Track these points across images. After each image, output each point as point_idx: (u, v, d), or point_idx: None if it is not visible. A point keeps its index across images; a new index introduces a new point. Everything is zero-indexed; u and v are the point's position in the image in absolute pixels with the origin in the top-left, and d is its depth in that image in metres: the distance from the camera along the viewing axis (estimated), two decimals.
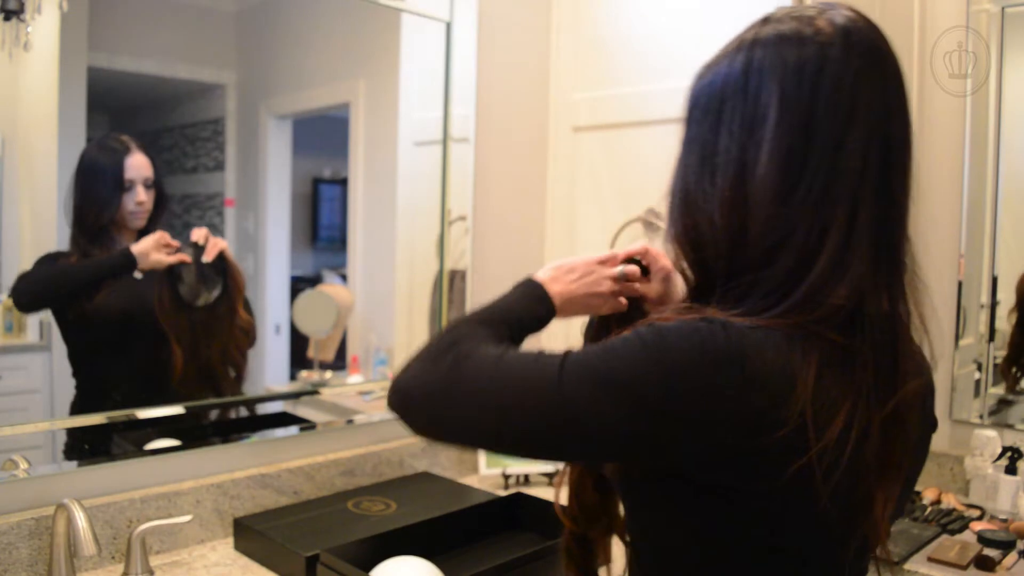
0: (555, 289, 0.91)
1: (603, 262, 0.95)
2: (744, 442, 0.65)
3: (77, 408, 1.37)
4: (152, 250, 1.45)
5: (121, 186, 1.44)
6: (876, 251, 0.70)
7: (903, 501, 0.79)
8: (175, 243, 1.47)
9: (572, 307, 0.92)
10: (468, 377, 0.72)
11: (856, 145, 0.69)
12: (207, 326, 1.53)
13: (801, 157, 0.69)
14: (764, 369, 0.65)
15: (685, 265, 0.78)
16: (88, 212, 1.40)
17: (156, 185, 1.49)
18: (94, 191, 1.40)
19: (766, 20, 0.75)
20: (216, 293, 1.52)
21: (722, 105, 0.73)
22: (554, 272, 0.92)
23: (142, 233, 1.49)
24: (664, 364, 0.65)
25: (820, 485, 0.66)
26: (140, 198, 1.45)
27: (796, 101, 0.69)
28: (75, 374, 1.39)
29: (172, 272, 1.48)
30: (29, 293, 1.32)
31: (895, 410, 0.70)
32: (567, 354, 0.70)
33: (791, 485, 0.67)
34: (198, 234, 1.51)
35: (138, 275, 1.48)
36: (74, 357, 1.39)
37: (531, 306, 0.89)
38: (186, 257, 1.49)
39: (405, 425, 0.76)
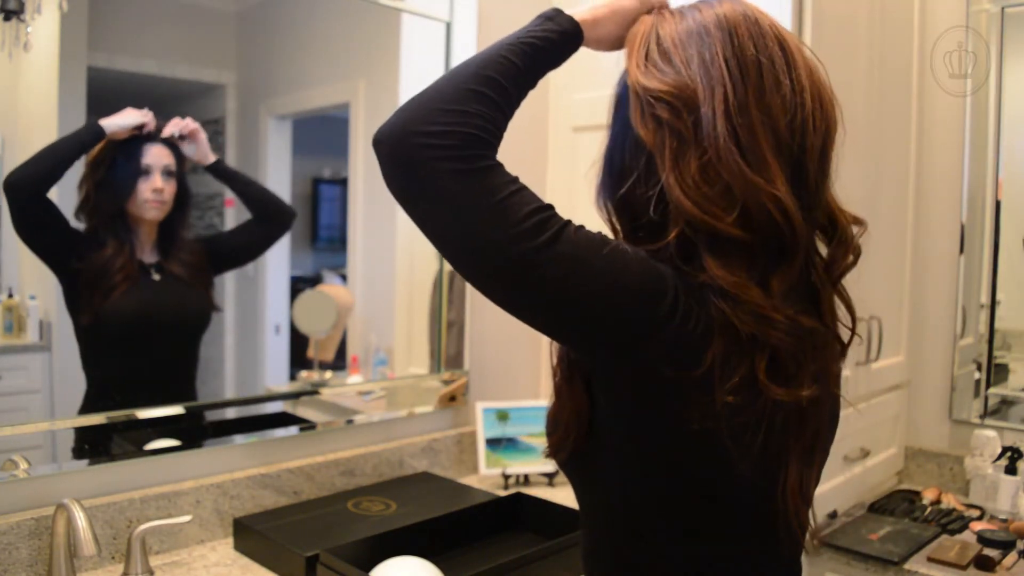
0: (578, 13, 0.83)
1: None
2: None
3: (86, 409, 1.37)
4: (126, 130, 1.40)
5: (138, 171, 1.42)
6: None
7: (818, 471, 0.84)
8: (150, 124, 1.42)
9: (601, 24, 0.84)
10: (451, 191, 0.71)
11: None
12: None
13: None
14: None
15: None
16: (102, 195, 1.39)
17: (179, 178, 1.48)
18: (110, 173, 1.39)
19: None
20: None
21: None
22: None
23: (163, 228, 1.47)
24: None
25: (730, 445, 0.72)
26: (157, 184, 1.43)
27: None
28: (88, 375, 1.39)
29: None
30: (10, 183, 1.26)
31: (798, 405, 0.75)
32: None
33: (702, 436, 0.72)
34: (174, 124, 1.48)
35: (156, 277, 1.48)
36: (87, 358, 1.39)
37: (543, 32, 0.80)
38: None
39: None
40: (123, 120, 1.39)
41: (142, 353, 1.49)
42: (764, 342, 0.71)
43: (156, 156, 1.44)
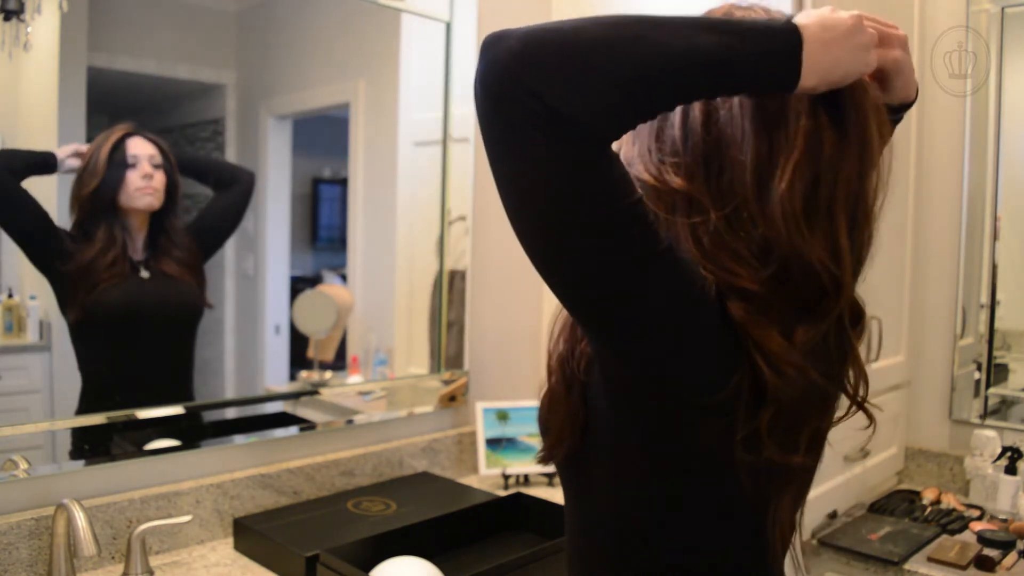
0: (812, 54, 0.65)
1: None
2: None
3: (83, 408, 1.37)
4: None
5: (124, 163, 1.42)
6: None
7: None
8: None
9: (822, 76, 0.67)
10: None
11: None
12: None
13: None
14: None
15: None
16: (91, 189, 1.38)
17: (166, 170, 1.47)
18: (97, 168, 1.38)
19: None
20: None
21: None
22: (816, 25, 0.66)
23: (154, 221, 1.47)
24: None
25: (766, 436, 0.69)
26: (146, 171, 1.43)
27: None
28: (83, 374, 1.39)
29: None
30: None
31: None
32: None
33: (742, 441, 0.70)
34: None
35: (144, 274, 1.48)
36: (81, 357, 1.39)
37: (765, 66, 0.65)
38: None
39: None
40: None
41: (134, 351, 1.49)
42: (774, 395, 0.68)
43: (139, 146, 1.44)
